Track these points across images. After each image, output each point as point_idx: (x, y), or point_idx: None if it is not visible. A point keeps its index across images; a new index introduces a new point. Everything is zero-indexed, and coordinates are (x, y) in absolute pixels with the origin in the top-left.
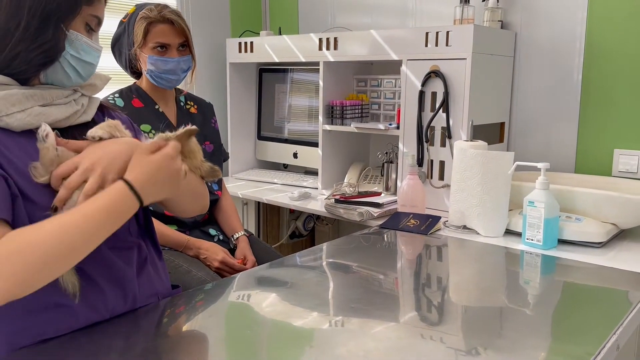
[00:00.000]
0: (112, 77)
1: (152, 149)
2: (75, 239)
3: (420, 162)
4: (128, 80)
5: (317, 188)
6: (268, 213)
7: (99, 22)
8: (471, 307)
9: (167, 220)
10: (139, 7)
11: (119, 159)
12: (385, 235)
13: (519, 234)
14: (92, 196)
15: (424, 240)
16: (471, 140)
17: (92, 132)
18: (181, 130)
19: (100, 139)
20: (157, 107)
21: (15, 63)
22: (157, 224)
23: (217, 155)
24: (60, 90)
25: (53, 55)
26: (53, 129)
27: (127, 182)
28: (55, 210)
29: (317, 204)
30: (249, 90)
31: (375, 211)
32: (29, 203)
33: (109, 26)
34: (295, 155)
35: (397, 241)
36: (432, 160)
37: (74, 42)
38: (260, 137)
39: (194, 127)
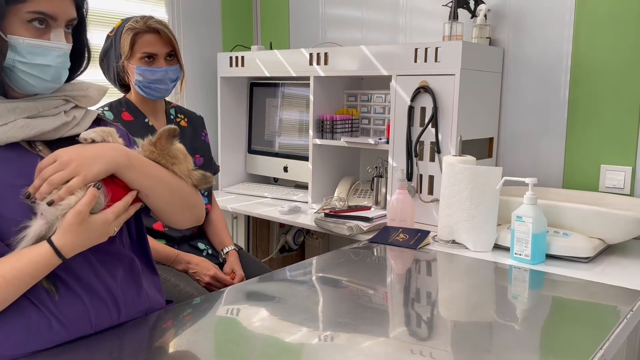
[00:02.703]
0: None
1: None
2: None
3: (409, 177)
4: (118, 94)
5: (307, 202)
6: (258, 227)
7: (52, 17)
8: (460, 322)
9: (156, 234)
10: (125, 20)
11: (100, 161)
12: (374, 250)
13: (507, 249)
14: (55, 187)
15: (413, 254)
16: (460, 155)
17: (85, 134)
18: (160, 131)
19: (93, 142)
20: (146, 120)
21: None
22: (148, 239)
23: (207, 168)
24: (49, 100)
25: None
26: (41, 141)
27: (54, 248)
28: (28, 197)
29: (307, 218)
30: (239, 104)
31: (364, 225)
32: (1, 219)
33: (97, 39)
34: (285, 169)
35: (387, 255)
36: (421, 175)
37: (15, 47)
38: (250, 151)
39: (172, 126)
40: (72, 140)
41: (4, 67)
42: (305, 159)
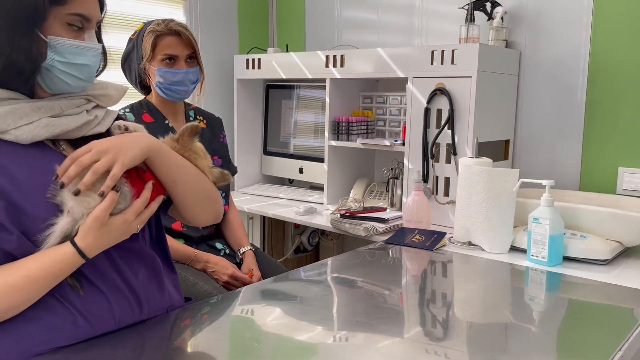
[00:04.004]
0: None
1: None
2: (21, 299)
3: (425, 179)
4: (138, 96)
5: (322, 203)
6: (273, 227)
7: (87, 20)
8: (476, 323)
9: (175, 234)
10: (147, 23)
11: (135, 146)
12: (390, 251)
13: (524, 251)
14: (99, 174)
15: (429, 255)
16: (476, 157)
17: (120, 122)
18: (183, 128)
19: (126, 130)
20: (166, 122)
21: (7, 76)
22: (167, 238)
23: (225, 169)
24: (71, 100)
25: (36, 63)
26: (64, 140)
27: (77, 249)
28: (62, 187)
29: (322, 219)
30: (255, 106)
31: (380, 226)
32: (27, 215)
33: (118, 42)
34: (300, 171)
35: (402, 256)
36: (437, 177)
37: (55, 47)
38: (266, 152)
39: (195, 123)
40: (94, 139)
41: (41, 67)
42: (321, 160)
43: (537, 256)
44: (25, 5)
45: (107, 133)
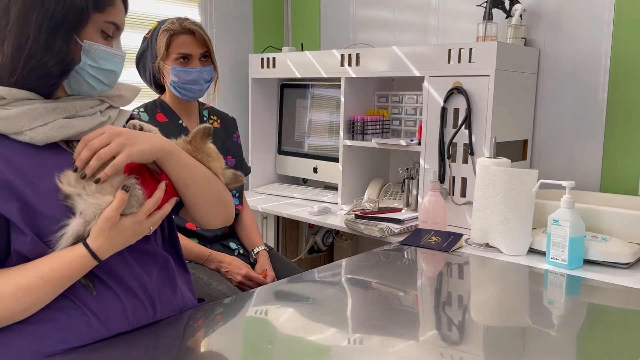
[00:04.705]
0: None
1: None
2: (35, 301)
3: (441, 179)
4: (152, 96)
5: (336, 203)
6: (287, 227)
7: (118, 28)
8: (493, 326)
9: (189, 234)
10: (161, 22)
11: (146, 141)
12: (405, 252)
13: (542, 253)
14: (103, 160)
15: (445, 257)
16: (494, 157)
17: (135, 121)
18: (195, 130)
19: (141, 129)
20: (180, 121)
21: (33, 77)
22: (181, 238)
23: (239, 169)
24: (85, 101)
25: (68, 65)
26: (78, 141)
27: (90, 251)
28: (75, 170)
29: (337, 219)
30: (270, 105)
31: (396, 227)
32: (41, 216)
33: (133, 41)
34: (315, 170)
35: (418, 258)
36: (453, 177)
37: (89, 52)
38: (280, 152)
39: (208, 125)
40: None
41: (72, 70)
42: (335, 160)
43: (556, 259)
44: (69, 9)
45: None
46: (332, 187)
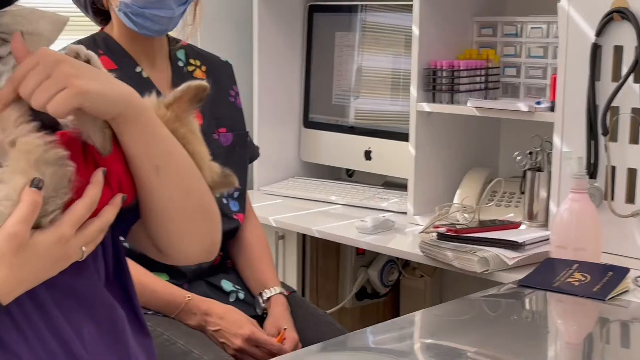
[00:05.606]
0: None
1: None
2: None
3: (592, 172)
4: (90, 29)
5: (405, 213)
6: (320, 255)
7: None
8: None
9: (154, 265)
10: None
11: (106, 82)
12: (527, 299)
13: None
14: (43, 105)
15: (598, 309)
16: None
17: (78, 47)
18: (183, 88)
19: (88, 62)
20: (138, 69)
21: None
22: (138, 272)
23: (240, 150)
24: None
25: None
26: None
27: None
28: None
29: (406, 241)
30: (289, 43)
31: (510, 256)
32: None
33: None
34: (367, 155)
35: (549, 310)
36: (613, 168)
37: None
38: (307, 124)
39: (202, 83)
40: None
41: None
42: (404, 137)
43: None
44: None
45: None
46: (398, 185)
